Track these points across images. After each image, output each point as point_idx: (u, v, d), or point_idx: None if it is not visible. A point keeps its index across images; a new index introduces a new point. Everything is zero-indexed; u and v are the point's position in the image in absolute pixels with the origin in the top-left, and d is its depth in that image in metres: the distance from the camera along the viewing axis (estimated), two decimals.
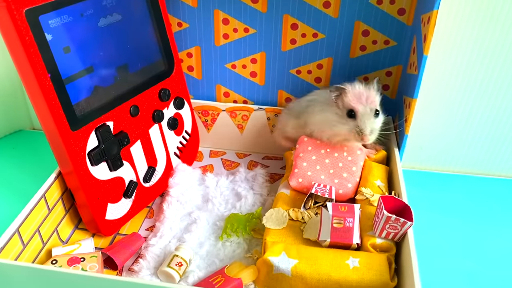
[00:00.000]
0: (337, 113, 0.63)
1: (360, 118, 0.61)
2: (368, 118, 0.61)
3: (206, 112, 0.81)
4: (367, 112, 0.61)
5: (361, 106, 0.61)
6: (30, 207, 0.58)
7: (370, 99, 0.62)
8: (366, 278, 0.53)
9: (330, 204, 0.56)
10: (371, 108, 0.61)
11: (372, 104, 0.62)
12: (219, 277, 0.57)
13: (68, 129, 0.57)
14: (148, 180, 0.69)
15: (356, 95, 0.62)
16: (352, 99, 0.62)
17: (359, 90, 0.62)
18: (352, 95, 0.62)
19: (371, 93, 0.62)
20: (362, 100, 0.61)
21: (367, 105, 0.61)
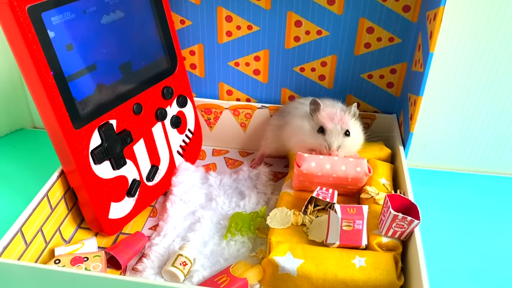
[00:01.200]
0: (312, 125, 0.65)
1: (329, 134, 0.63)
2: (336, 135, 0.63)
3: (209, 110, 0.80)
4: (337, 130, 0.63)
5: (331, 125, 0.63)
6: (33, 206, 0.58)
7: (342, 120, 0.64)
8: (372, 278, 0.52)
9: (339, 206, 0.55)
10: (342, 127, 0.63)
11: (344, 124, 0.64)
12: (224, 276, 0.56)
13: (71, 127, 0.57)
14: (151, 179, 0.68)
15: (329, 115, 0.64)
16: (325, 117, 0.64)
17: (333, 110, 0.64)
18: (325, 114, 0.64)
19: (344, 116, 0.64)
20: (334, 120, 0.64)
21: (338, 124, 0.63)
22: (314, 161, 0.61)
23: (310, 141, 0.65)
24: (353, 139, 0.65)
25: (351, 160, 0.61)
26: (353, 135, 0.64)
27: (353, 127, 0.65)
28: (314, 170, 0.61)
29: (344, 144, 0.63)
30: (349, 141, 0.64)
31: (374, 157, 0.68)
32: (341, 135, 0.63)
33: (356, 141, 0.65)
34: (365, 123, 0.77)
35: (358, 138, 0.66)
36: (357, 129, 0.66)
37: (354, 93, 0.76)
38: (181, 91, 0.72)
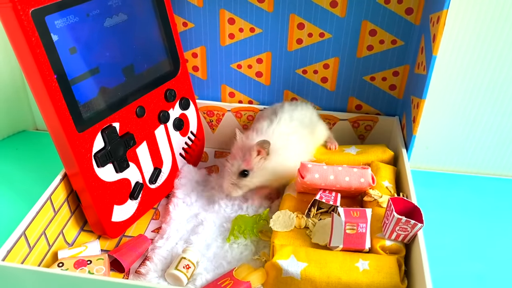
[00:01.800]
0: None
1: (226, 172, 0.65)
2: (231, 175, 0.64)
3: (211, 112, 0.80)
4: (233, 170, 0.64)
5: (229, 163, 0.65)
6: (36, 209, 0.58)
7: (245, 157, 0.63)
8: (376, 281, 0.52)
9: (342, 209, 0.55)
10: (239, 167, 0.64)
11: (244, 163, 0.63)
12: (228, 279, 0.56)
13: (74, 130, 0.57)
14: (154, 182, 0.68)
15: (235, 151, 0.65)
16: (232, 151, 0.65)
17: (240, 146, 0.65)
18: (235, 147, 0.65)
19: (249, 154, 0.63)
20: (235, 158, 0.64)
21: (235, 164, 0.64)
22: (318, 172, 0.61)
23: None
24: (253, 179, 0.64)
25: (355, 170, 0.61)
26: (255, 173, 0.64)
27: (258, 164, 0.63)
28: (318, 181, 0.61)
29: (239, 184, 0.64)
30: (246, 181, 0.64)
31: (377, 159, 0.68)
32: (235, 175, 0.64)
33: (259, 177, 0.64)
34: (367, 125, 0.77)
35: (263, 173, 0.64)
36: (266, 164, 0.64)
37: (356, 95, 0.76)
38: (183, 94, 0.72)
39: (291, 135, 0.66)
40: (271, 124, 0.67)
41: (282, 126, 0.67)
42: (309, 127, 0.69)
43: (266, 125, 0.67)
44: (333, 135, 0.74)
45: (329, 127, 0.78)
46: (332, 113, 0.77)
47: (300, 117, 0.69)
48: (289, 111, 0.69)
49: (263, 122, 0.67)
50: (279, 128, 0.66)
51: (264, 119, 0.69)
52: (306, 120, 0.69)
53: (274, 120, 0.67)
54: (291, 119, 0.68)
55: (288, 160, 0.65)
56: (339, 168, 0.61)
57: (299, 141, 0.67)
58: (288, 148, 0.65)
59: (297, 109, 0.70)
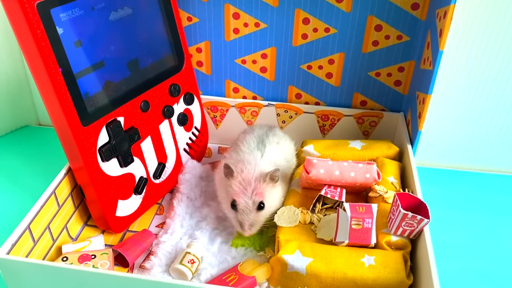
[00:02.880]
0: (227, 196, 0.61)
1: (240, 212, 0.59)
2: (248, 213, 0.59)
3: (215, 108, 0.80)
4: (249, 206, 0.59)
5: (243, 200, 0.59)
6: (41, 203, 0.57)
7: (256, 190, 0.59)
8: (382, 276, 0.52)
9: (348, 204, 0.55)
10: (254, 200, 0.59)
11: (257, 196, 0.59)
12: (233, 274, 0.56)
13: (79, 124, 0.57)
14: (158, 177, 0.68)
15: (242, 185, 0.59)
16: (236, 189, 0.59)
17: (246, 178, 0.59)
18: (237, 184, 0.59)
19: (258, 185, 0.59)
20: (246, 192, 0.59)
21: (251, 198, 0.59)
22: (323, 168, 0.60)
23: (228, 215, 0.62)
24: (268, 208, 0.60)
25: (361, 166, 0.61)
26: (268, 204, 0.60)
27: (269, 194, 0.60)
28: (323, 177, 0.60)
29: (257, 220, 0.60)
30: (263, 214, 0.60)
31: (382, 155, 0.68)
32: (253, 212, 0.59)
33: (272, 207, 0.61)
34: (372, 121, 0.77)
35: (274, 203, 0.61)
36: (274, 193, 0.61)
37: (361, 91, 0.76)
38: (188, 89, 0.72)
39: (280, 162, 0.64)
40: (264, 154, 0.63)
41: (274, 154, 0.64)
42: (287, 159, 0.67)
43: (259, 155, 0.63)
44: (338, 131, 0.74)
45: (334, 123, 0.78)
46: (337, 109, 0.76)
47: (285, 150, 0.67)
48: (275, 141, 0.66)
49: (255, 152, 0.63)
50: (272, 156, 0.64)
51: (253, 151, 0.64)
52: (289, 156, 0.68)
53: (264, 149, 0.64)
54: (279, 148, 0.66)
55: (283, 189, 0.63)
56: (344, 163, 0.61)
57: (285, 168, 0.66)
58: (282, 173, 0.63)
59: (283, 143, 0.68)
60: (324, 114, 0.77)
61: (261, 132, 0.67)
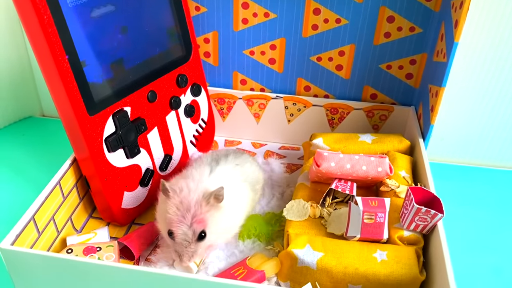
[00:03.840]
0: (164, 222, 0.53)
1: (178, 244, 0.51)
2: (186, 245, 0.51)
3: (222, 100, 0.78)
4: (188, 238, 0.51)
5: (180, 230, 0.51)
6: (45, 194, 0.56)
7: (196, 217, 0.50)
8: (394, 272, 0.51)
9: (360, 198, 0.53)
10: (194, 230, 0.51)
11: (198, 224, 0.51)
12: (241, 268, 0.55)
13: (86, 113, 0.55)
14: (165, 169, 0.67)
15: (180, 210, 0.51)
16: (173, 216, 0.51)
17: (185, 201, 0.51)
18: (174, 210, 0.51)
19: (199, 209, 0.51)
20: (184, 220, 0.50)
21: (190, 227, 0.51)
22: (334, 161, 0.59)
23: (166, 240, 0.55)
24: (211, 237, 0.52)
25: (373, 159, 0.59)
26: (211, 232, 0.52)
27: (213, 219, 0.52)
28: (334, 170, 0.59)
29: (197, 251, 0.52)
30: (205, 244, 0.53)
31: (393, 149, 0.67)
32: (193, 243, 0.51)
33: (215, 235, 0.53)
34: (382, 115, 0.75)
35: (219, 231, 0.53)
36: (219, 218, 0.53)
37: (371, 84, 0.74)
38: (195, 80, 0.70)
39: (237, 184, 0.58)
40: (214, 171, 0.57)
41: (228, 173, 0.58)
42: (252, 184, 0.62)
43: (207, 171, 0.57)
44: (347, 124, 0.72)
45: (343, 116, 0.76)
46: (346, 102, 0.75)
47: (247, 172, 0.61)
48: (235, 161, 0.61)
49: (203, 167, 0.57)
50: (224, 175, 0.57)
51: (201, 165, 0.58)
52: (253, 181, 0.62)
53: (216, 166, 0.58)
54: (238, 168, 0.60)
55: (234, 216, 0.57)
56: (356, 156, 0.59)
57: (245, 192, 0.59)
58: (238, 197, 0.57)
59: (244, 164, 0.62)
60: (333, 107, 0.76)
61: (223, 152, 0.62)
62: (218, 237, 0.56)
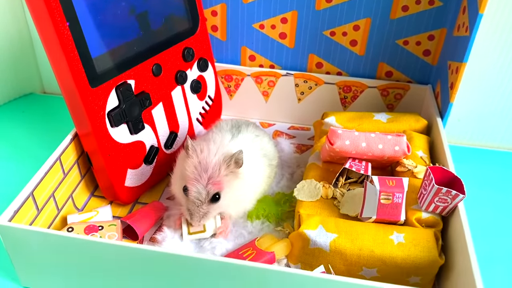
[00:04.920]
0: (181, 178, 0.53)
1: (190, 202, 0.52)
2: (199, 205, 0.51)
3: (230, 77, 0.75)
4: (201, 197, 0.51)
5: (195, 188, 0.51)
6: (45, 170, 0.54)
7: (213, 179, 0.51)
8: (412, 255, 0.48)
9: (377, 177, 0.50)
10: (209, 191, 0.51)
11: (214, 186, 0.51)
12: (250, 249, 0.52)
13: (87, 85, 0.52)
14: (170, 146, 0.64)
15: (197, 170, 0.51)
16: (190, 174, 0.51)
17: (203, 162, 0.51)
18: (192, 168, 0.51)
19: (217, 172, 0.51)
20: (201, 179, 0.51)
21: (205, 187, 0.51)
22: (349, 139, 0.56)
23: (177, 197, 0.55)
24: (224, 201, 0.52)
25: (389, 138, 0.56)
26: (226, 197, 0.52)
27: (230, 184, 0.52)
28: (348, 149, 0.56)
29: (209, 212, 0.52)
30: (217, 207, 0.52)
31: (410, 129, 0.64)
32: (205, 204, 0.51)
33: (230, 201, 0.53)
34: (397, 94, 0.72)
35: (234, 197, 0.53)
36: (237, 186, 0.52)
37: (387, 61, 0.71)
38: (202, 54, 0.67)
39: (256, 158, 0.57)
40: (235, 137, 0.56)
41: (248, 142, 0.57)
42: (269, 159, 0.60)
43: (228, 137, 0.56)
44: (361, 104, 0.69)
45: (356, 95, 0.73)
46: (360, 80, 0.72)
47: (265, 146, 0.60)
48: (255, 132, 0.60)
49: (224, 133, 0.57)
50: (245, 144, 0.56)
51: (222, 131, 0.58)
52: (270, 155, 0.60)
53: (237, 134, 0.57)
54: (258, 140, 0.59)
55: (250, 187, 0.55)
56: (372, 135, 0.56)
57: (262, 168, 0.58)
58: (256, 169, 0.55)
59: (263, 137, 0.61)
60: (346, 85, 0.72)
61: (242, 121, 0.61)
62: (231, 205, 0.54)
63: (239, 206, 0.55)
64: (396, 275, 0.49)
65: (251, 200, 0.57)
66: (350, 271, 0.50)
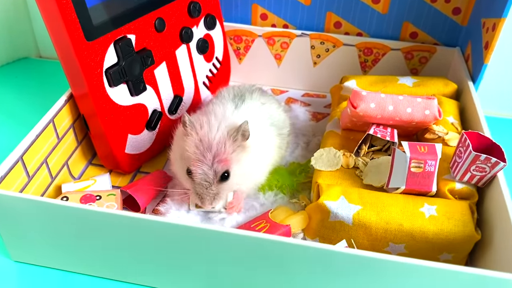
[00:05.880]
0: (182, 159, 0.47)
1: (198, 185, 0.46)
2: (207, 187, 0.46)
3: (239, 38, 0.69)
4: (209, 178, 0.45)
5: (200, 169, 0.45)
6: (36, 132, 0.49)
7: (219, 157, 0.45)
8: (445, 229, 0.43)
9: (406, 143, 0.45)
10: (216, 170, 0.45)
11: (221, 164, 0.45)
12: (263, 222, 0.47)
13: (83, 38, 0.47)
14: (174, 112, 0.59)
15: (199, 150, 0.45)
16: (193, 153, 0.45)
17: (205, 139, 0.45)
18: (193, 147, 0.45)
19: (222, 148, 0.45)
20: (205, 159, 0.45)
21: (211, 167, 0.45)
22: (374, 101, 0.50)
23: (181, 180, 0.49)
24: (235, 178, 0.47)
25: (419, 100, 0.50)
26: (236, 173, 0.47)
27: (238, 160, 0.46)
28: (373, 113, 0.50)
29: (220, 192, 0.47)
30: (229, 185, 0.47)
31: (438, 93, 0.58)
32: (214, 184, 0.46)
33: (241, 177, 0.47)
34: (422, 57, 0.66)
35: (244, 173, 0.47)
36: (245, 160, 0.47)
37: (412, 21, 0.65)
38: (209, 10, 0.61)
39: (264, 127, 0.51)
40: (239, 108, 0.51)
41: (254, 111, 0.51)
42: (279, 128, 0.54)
43: (231, 108, 0.50)
44: (382, 68, 0.63)
45: (378, 58, 0.67)
46: (382, 41, 0.66)
47: (273, 114, 0.54)
48: (260, 100, 0.54)
49: (225, 103, 0.51)
50: (250, 113, 0.50)
51: (223, 101, 0.52)
52: (280, 123, 0.54)
53: (241, 104, 0.51)
54: (264, 108, 0.53)
55: (267, 154, 0.50)
56: (400, 97, 0.51)
57: (272, 138, 0.52)
58: (265, 139, 0.50)
59: (270, 104, 0.55)
60: (367, 47, 0.66)
61: (246, 88, 0.55)
62: (242, 181, 0.48)
63: (251, 181, 0.50)
64: (426, 252, 0.44)
65: (263, 173, 0.51)
66: (374, 247, 0.45)
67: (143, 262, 0.43)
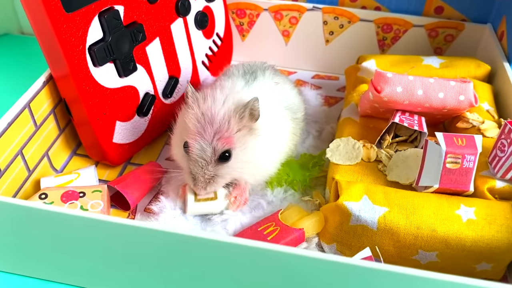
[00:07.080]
0: (180, 131, 0.43)
1: (193, 162, 0.41)
2: (203, 165, 0.41)
3: (242, 12, 0.63)
4: (205, 156, 0.40)
5: (197, 143, 0.40)
6: (8, 120, 0.42)
7: (220, 133, 0.40)
8: (486, 236, 0.37)
9: (441, 134, 0.39)
10: (215, 148, 0.40)
11: (221, 142, 0.40)
12: (272, 225, 0.41)
13: (61, 9, 0.41)
14: (169, 95, 0.53)
15: (200, 123, 0.40)
16: (192, 126, 0.41)
17: (207, 112, 0.40)
18: (193, 121, 0.41)
19: (226, 125, 0.40)
20: (204, 133, 0.40)
21: (211, 143, 0.40)
22: (402, 84, 0.43)
23: (178, 159, 0.44)
24: (237, 162, 0.41)
25: (453, 84, 0.44)
26: (238, 156, 0.41)
27: (243, 142, 0.41)
28: (400, 98, 0.43)
29: (217, 176, 0.41)
30: (229, 168, 0.41)
31: (469, 76, 0.52)
32: (211, 164, 0.41)
33: (244, 162, 0.42)
34: (448, 35, 0.59)
35: (249, 158, 0.42)
36: (252, 144, 0.42)
37: None
38: None
39: (278, 110, 0.46)
40: (250, 85, 0.46)
41: (266, 91, 0.46)
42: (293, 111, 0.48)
43: (240, 83, 0.46)
44: (403, 47, 0.56)
45: (398, 35, 0.60)
46: (404, 17, 0.60)
47: (288, 95, 0.48)
48: (274, 79, 0.49)
49: (235, 79, 0.47)
50: (262, 92, 0.45)
51: (233, 77, 0.47)
52: (294, 107, 0.48)
53: (252, 81, 0.46)
54: (278, 88, 0.48)
55: (279, 140, 0.45)
56: (430, 80, 0.44)
57: (287, 120, 0.47)
58: (278, 123, 0.45)
59: (284, 85, 0.49)
60: (386, 23, 0.60)
61: (257, 65, 0.49)
62: (247, 169, 0.42)
63: (259, 170, 0.44)
64: (462, 260, 0.39)
65: (274, 163, 0.45)
66: (401, 254, 0.39)
67: (129, 270, 0.37)
